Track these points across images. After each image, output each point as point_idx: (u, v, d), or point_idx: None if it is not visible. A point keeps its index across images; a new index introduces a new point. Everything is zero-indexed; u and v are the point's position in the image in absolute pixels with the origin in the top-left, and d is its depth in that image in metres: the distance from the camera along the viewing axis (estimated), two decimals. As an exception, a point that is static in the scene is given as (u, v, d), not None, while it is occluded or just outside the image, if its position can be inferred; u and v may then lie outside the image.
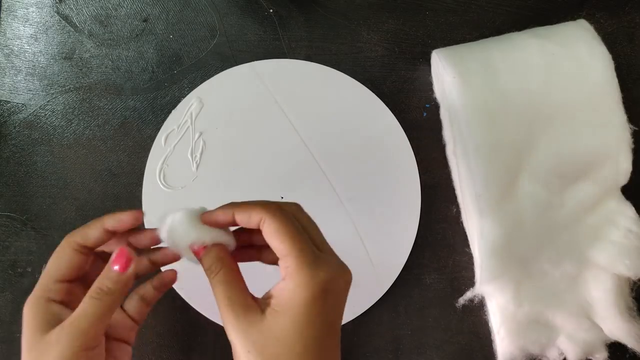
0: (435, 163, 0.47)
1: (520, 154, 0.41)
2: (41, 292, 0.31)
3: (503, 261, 0.41)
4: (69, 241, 0.32)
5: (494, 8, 0.49)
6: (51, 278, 0.32)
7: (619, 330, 0.42)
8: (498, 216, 0.41)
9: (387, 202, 0.46)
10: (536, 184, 0.41)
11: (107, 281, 0.31)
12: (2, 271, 0.46)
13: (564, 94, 0.41)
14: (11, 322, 0.46)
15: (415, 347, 0.45)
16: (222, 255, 0.32)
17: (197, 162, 0.47)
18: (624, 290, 0.43)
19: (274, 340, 0.29)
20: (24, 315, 0.31)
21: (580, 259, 0.42)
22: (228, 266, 0.31)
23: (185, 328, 0.45)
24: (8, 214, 0.47)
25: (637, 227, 0.42)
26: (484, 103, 0.41)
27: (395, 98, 0.48)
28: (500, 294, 0.43)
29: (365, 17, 0.49)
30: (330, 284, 0.30)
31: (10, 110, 0.49)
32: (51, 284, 0.31)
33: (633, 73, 0.48)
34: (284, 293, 0.30)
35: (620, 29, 0.49)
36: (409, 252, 0.45)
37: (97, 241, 0.32)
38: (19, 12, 0.50)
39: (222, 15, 0.50)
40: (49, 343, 0.29)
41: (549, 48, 0.41)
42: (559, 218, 0.42)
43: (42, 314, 0.30)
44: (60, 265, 0.32)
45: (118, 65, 0.49)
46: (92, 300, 0.30)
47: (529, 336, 0.42)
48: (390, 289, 0.45)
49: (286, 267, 0.30)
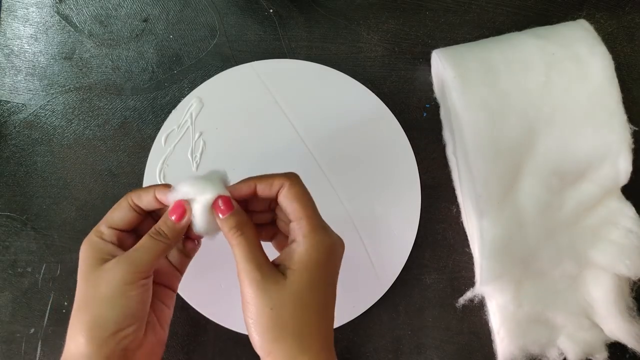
0: (435, 163, 0.47)
1: (520, 154, 0.41)
2: (98, 234, 0.35)
3: (503, 261, 0.41)
4: (127, 198, 0.36)
5: (494, 8, 0.49)
6: (107, 224, 0.35)
7: (619, 330, 0.42)
8: (498, 216, 0.41)
9: (387, 202, 0.46)
10: (536, 184, 0.41)
11: (164, 227, 0.34)
12: (2, 271, 0.46)
13: (564, 94, 0.41)
14: (11, 322, 0.46)
15: (415, 347, 0.45)
16: (245, 219, 0.34)
17: (197, 162, 0.47)
18: (624, 290, 0.43)
19: (293, 296, 0.32)
20: (81, 253, 0.34)
21: (580, 259, 0.42)
22: (252, 228, 0.34)
23: (185, 328, 0.45)
24: (8, 214, 0.47)
25: (637, 227, 0.42)
26: (484, 103, 0.41)
27: (395, 98, 0.48)
28: (500, 294, 0.43)
29: (365, 17, 0.49)
30: (334, 248, 0.34)
31: (10, 110, 0.49)
32: (106, 228, 0.35)
33: (633, 73, 0.48)
34: (297, 254, 0.33)
35: (620, 29, 0.49)
36: (409, 252, 0.45)
37: (148, 205, 0.36)
38: (19, 12, 0.50)
39: (222, 15, 0.50)
40: (105, 271, 0.33)
41: (549, 48, 0.41)
42: (559, 218, 0.42)
43: (99, 250, 0.34)
44: (115, 215, 0.35)
45: (118, 65, 0.49)
46: (150, 238, 0.34)
47: (529, 336, 0.42)
48: (390, 289, 0.45)
49: (300, 229, 0.33)
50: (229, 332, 0.45)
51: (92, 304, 0.33)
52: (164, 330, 0.38)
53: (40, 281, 0.46)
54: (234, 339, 0.45)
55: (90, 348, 0.32)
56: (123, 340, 0.33)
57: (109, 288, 0.33)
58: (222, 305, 0.45)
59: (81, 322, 0.33)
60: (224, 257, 0.46)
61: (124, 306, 0.33)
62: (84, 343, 0.32)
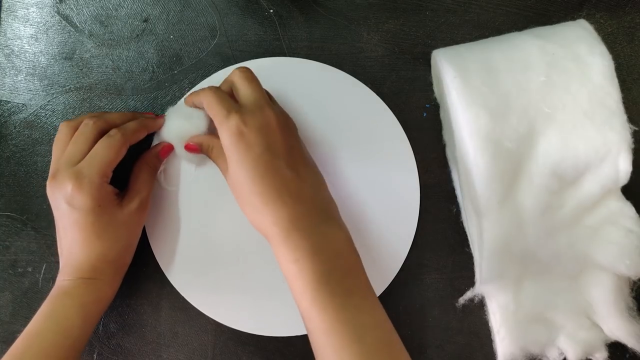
0: (435, 163, 0.47)
1: (520, 154, 0.41)
2: (105, 179, 0.41)
3: (503, 261, 0.41)
4: (125, 141, 0.42)
5: (494, 8, 0.49)
6: (111, 168, 0.41)
7: (619, 330, 0.42)
8: (498, 216, 0.41)
9: (386, 201, 0.46)
10: (536, 183, 0.41)
11: (156, 160, 0.45)
12: (2, 271, 0.46)
13: (564, 94, 0.41)
14: (11, 322, 0.46)
15: (415, 347, 0.45)
16: (214, 138, 0.42)
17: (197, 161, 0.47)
18: (624, 290, 0.43)
19: (233, 183, 0.39)
20: (95, 198, 0.40)
21: (580, 259, 0.42)
22: (219, 142, 0.40)
23: (185, 328, 0.45)
24: (8, 214, 0.47)
25: (637, 227, 0.41)
26: (484, 103, 0.41)
27: (395, 98, 0.48)
28: (500, 294, 0.43)
29: (365, 17, 0.49)
30: (242, 126, 0.38)
31: (10, 110, 0.49)
32: (110, 172, 0.41)
33: (633, 73, 0.48)
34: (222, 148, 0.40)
35: (620, 29, 0.49)
36: (407, 252, 0.45)
37: (138, 140, 0.44)
38: (19, 12, 0.50)
39: (222, 16, 0.50)
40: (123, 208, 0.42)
41: (549, 48, 0.41)
42: (559, 218, 0.42)
43: (111, 192, 0.42)
44: (118, 159, 0.42)
45: (118, 66, 0.49)
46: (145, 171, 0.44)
47: (529, 336, 0.42)
48: (390, 289, 0.45)
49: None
50: (229, 331, 0.45)
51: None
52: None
53: (41, 281, 0.46)
54: (234, 339, 0.45)
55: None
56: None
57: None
58: (222, 304, 0.45)
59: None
60: (224, 257, 0.46)
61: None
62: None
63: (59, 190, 0.40)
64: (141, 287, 0.46)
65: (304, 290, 0.35)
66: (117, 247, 0.41)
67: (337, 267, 0.36)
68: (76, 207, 0.39)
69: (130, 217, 0.42)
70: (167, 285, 0.45)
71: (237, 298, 0.45)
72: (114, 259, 0.41)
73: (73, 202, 0.39)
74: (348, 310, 0.34)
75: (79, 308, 0.39)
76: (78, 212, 0.39)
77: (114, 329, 0.46)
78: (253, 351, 0.45)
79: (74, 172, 0.39)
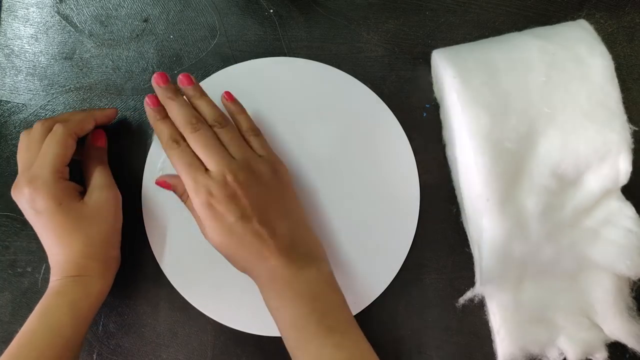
0: (435, 163, 0.47)
1: (520, 154, 0.41)
2: (60, 174, 0.41)
3: (503, 261, 0.41)
4: (70, 133, 0.42)
5: (494, 8, 0.49)
6: (62, 163, 0.41)
7: (619, 330, 0.42)
8: (498, 216, 0.41)
9: (386, 201, 0.46)
10: (536, 184, 0.41)
11: (93, 149, 0.45)
12: (2, 271, 0.46)
13: (564, 94, 0.41)
14: (11, 322, 0.46)
15: (415, 347, 0.45)
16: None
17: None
18: (624, 290, 0.43)
19: (209, 240, 0.40)
20: (53, 197, 0.40)
21: (580, 259, 0.42)
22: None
23: (185, 328, 0.45)
24: (8, 214, 0.47)
25: (637, 227, 0.41)
26: (484, 103, 0.41)
27: (395, 98, 0.48)
28: (500, 294, 0.43)
29: (365, 17, 0.49)
30: (210, 199, 0.38)
31: (10, 110, 0.49)
32: (63, 167, 0.41)
33: (633, 73, 0.48)
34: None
35: (620, 29, 0.49)
36: (407, 252, 0.45)
37: (88, 132, 0.44)
38: (19, 12, 0.50)
39: (222, 16, 0.50)
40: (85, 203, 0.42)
41: (549, 48, 0.41)
42: (559, 218, 0.42)
43: (72, 187, 0.42)
44: (67, 152, 0.41)
45: (118, 65, 0.49)
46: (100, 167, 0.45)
47: (529, 336, 0.42)
48: (390, 289, 0.45)
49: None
50: (229, 331, 0.45)
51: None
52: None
53: (40, 281, 0.46)
54: (234, 338, 0.45)
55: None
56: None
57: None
58: (222, 304, 0.45)
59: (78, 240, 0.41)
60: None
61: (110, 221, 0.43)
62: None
63: (21, 196, 0.40)
64: (140, 287, 0.46)
65: (287, 334, 0.38)
66: (93, 242, 0.41)
67: (316, 309, 0.37)
68: (40, 210, 0.40)
69: (98, 209, 0.41)
70: (167, 285, 0.45)
71: (237, 298, 0.45)
72: (95, 253, 0.41)
73: (35, 205, 0.40)
74: (326, 348, 0.36)
75: (69, 306, 0.39)
76: (44, 215, 0.40)
77: (113, 329, 0.46)
78: (253, 351, 0.45)
79: (28, 175, 0.40)
